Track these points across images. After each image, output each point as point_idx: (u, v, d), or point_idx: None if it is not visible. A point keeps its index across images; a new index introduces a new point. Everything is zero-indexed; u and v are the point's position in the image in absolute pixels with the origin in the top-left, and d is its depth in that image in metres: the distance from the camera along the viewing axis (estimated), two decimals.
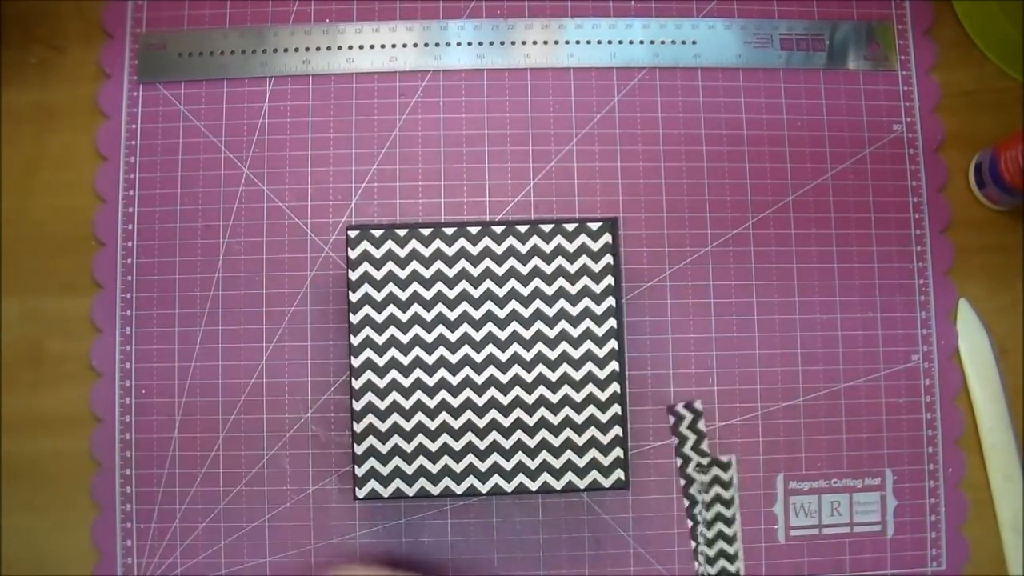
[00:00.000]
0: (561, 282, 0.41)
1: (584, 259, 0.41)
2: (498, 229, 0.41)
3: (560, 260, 0.41)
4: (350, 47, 0.49)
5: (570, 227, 0.41)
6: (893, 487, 0.47)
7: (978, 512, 0.48)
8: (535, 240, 0.41)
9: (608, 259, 0.41)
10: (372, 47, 0.49)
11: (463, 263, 0.41)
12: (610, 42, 0.50)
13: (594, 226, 0.41)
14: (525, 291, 0.41)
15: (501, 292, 0.41)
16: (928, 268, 0.49)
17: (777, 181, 0.49)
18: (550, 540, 0.46)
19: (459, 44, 0.49)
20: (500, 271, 0.41)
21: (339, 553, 0.46)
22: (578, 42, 0.50)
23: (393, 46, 0.49)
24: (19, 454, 0.47)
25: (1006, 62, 0.51)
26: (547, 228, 0.41)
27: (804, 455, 0.47)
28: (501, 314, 0.41)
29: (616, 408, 0.41)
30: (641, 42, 0.50)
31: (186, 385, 0.47)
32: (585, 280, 0.41)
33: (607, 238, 0.41)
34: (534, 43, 0.49)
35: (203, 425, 0.46)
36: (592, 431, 0.41)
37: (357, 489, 0.40)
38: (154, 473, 0.46)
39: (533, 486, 0.41)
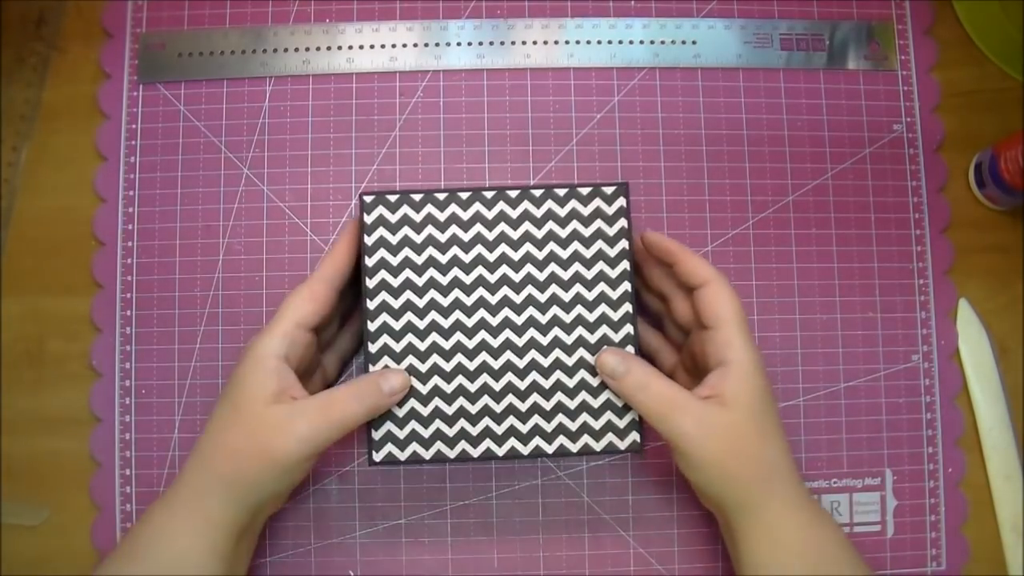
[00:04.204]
0: (576, 246, 0.41)
1: (599, 223, 0.41)
2: (513, 193, 0.41)
3: (575, 224, 0.41)
4: (350, 47, 0.49)
5: (584, 191, 0.42)
6: (893, 487, 0.47)
7: (978, 512, 0.48)
8: (550, 204, 0.42)
9: (622, 223, 0.41)
10: (372, 47, 0.49)
11: (478, 227, 0.41)
12: (610, 42, 0.50)
13: (608, 190, 0.42)
14: (540, 255, 0.41)
15: (516, 256, 0.41)
16: (928, 268, 0.49)
17: (777, 181, 0.49)
18: (550, 540, 0.46)
19: (459, 44, 0.49)
20: (515, 235, 0.41)
21: (339, 553, 0.46)
22: (578, 42, 0.50)
23: (393, 46, 0.49)
24: (19, 454, 0.47)
25: (1006, 62, 0.51)
26: (561, 192, 0.42)
27: (804, 455, 0.47)
28: (516, 278, 0.41)
29: None
30: (641, 42, 0.50)
31: (186, 385, 0.47)
32: (600, 244, 0.41)
33: (621, 202, 0.42)
34: (534, 43, 0.49)
35: (203, 425, 0.46)
36: (607, 394, 0.41)
37: (374, 453, 0.40)
38: (154, 473, 0.46)
39: (549, 448, 0.41)
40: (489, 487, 0.46)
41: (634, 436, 0.41)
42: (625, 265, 0.41)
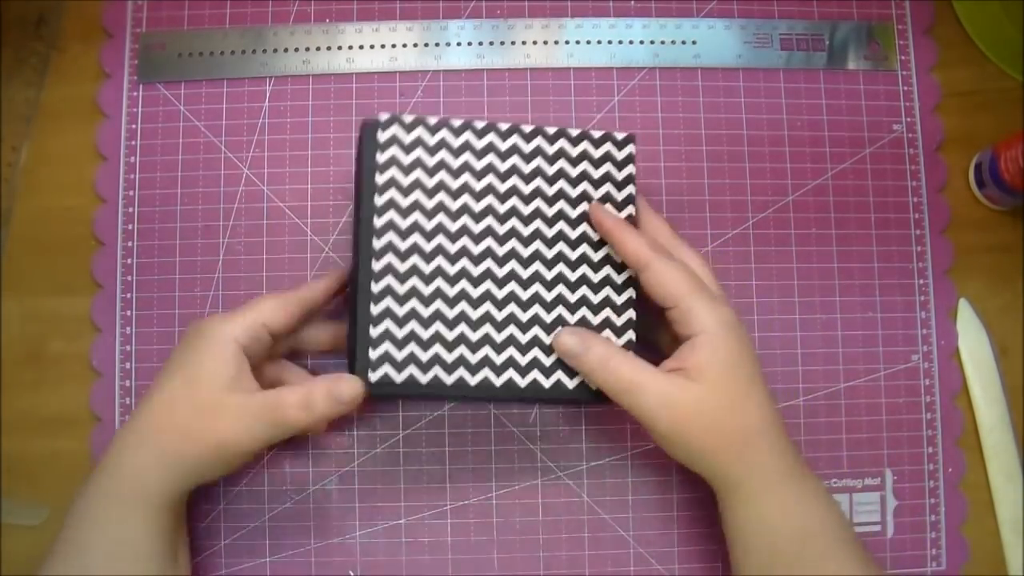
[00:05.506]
0: (585, 186, 0.42)
1: (608, 166, 0.42)
2: (527, 128, 0.42)
3: (585, 164, 0.42)
4: (350, 47, 0.49)
5: (596, 134, 0.42)
6: (893, 487, 0.47)
7: (978, 512, 0.48)
8: (562, 143, 0.42)
9: (631, 169, 0.42)
10: (372, 47, 0.49)
11: (491, 157, 0.42)
12: (610, 42, 0.50)
13: (620, 135, 0.42)
14: (550, 191, 0.42)
15: (526, 189, 0.42)
16: (928, 268, 0.49)
17: (777, 181, 0.49)
18: (550, 540, 0.46)
19: (459, 44, 0.49)
20: (527, 169, 0.42)
21: (339, 553, 0.46)
22: (578, 42, 0.50)
23: (393, 46, 0.49)
24: (19, 454, 0.47)
25: (1006, 62, 0.51)
26: (574, 132, 0.42)
27: (804, 455, 0.47)
28: (525, 211, 0.41)
29: (630, 312, 0.41)
30: (641, 42, 0.50)
31: None
32: (608, 187, 0.42)
33: (631, 148, 0.42)
34: (534, 43, 0.49)
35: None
36: (607, 333, 0.41)
37: (370, 372, 0.40)
38: None
39: (546, 383, 0.41)
40: (489, 487, 0.46)
41: None
42: (631, 210, 0.42)
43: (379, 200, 0.41)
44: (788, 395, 0.48)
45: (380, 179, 0.41)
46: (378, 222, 0.41)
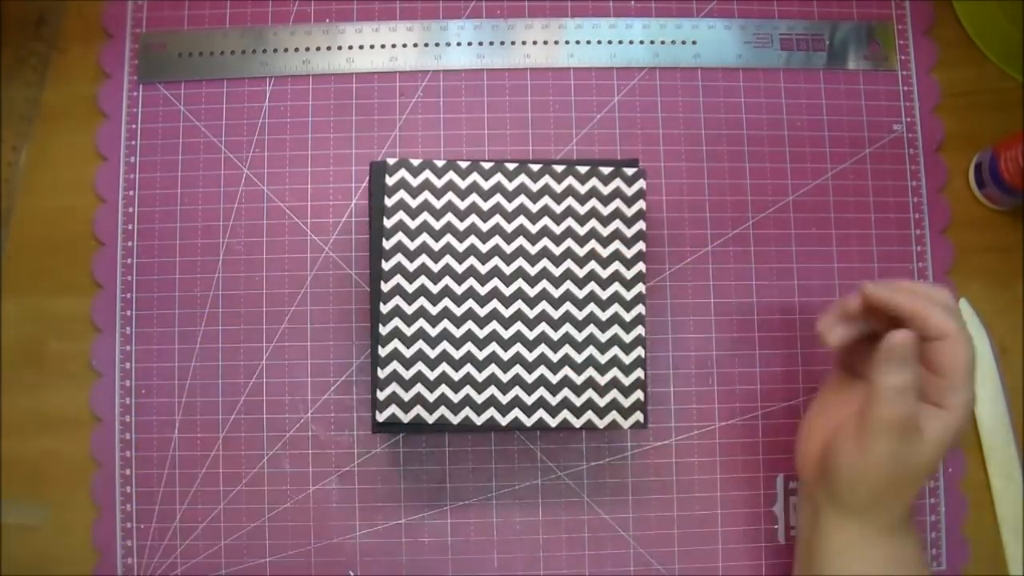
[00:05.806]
0: (593, 223, 0.42)
1: (617, 203, 0.42)
2: (535, 167, 0.42)
3: (594, 202, 0.42)
4: (350, 47, 0.49)
5: (606, 170, 0.42)
6: None
7: (978, 512, 0.48)
8: (570, 180, 0.42)
9: (641, 204, 0.42)
10: (372, 47, 0.49)
11: (498, 197, 0.41)
12: (610, 42, 0.50)
13: (630, 171, 0.42)
14: (557, 229, 0.42)
15: (534, 229, 0.41)
16: (928, 268, 0.49)
17: (777, 181, 0.49)
18: (550, 540, 0.46)
19: (459, 44, 0.49)
20: (534, 208, 0.42)
21: (339, 553, 0.46)
22: (578, 42, 0.50)
23: (393, 46, 0.49)
24: (19, 454, 0.47)
25: (1006, 62, 0.51)
26: (583, 170, 0.42)
27: None
28: (532, 250, 0.41)
29: (640, 351, 0.41)
30: (641, 42, 0.50)
31: (186, 385, 0.47)
32: (617, 223, 0.42)
33: (641, 183, 0.42)
34: (534, 43, 0.49)
35: (203, 425, 0.46)
36: (615, 371, 0.41)
37: (377, 413, 0.40)
38: (154, 473, 0.46)
39: (553, 422, 0.41)
40: (489, 487, 0.46)
41: (638, 416, 0.41)
42: (641, 246, 0.42)
43: (387, 244, 0.41)
44: (788, 395, 0.48)
45: (388, 223, 0.41)
46: (385, 266, 0.41)
